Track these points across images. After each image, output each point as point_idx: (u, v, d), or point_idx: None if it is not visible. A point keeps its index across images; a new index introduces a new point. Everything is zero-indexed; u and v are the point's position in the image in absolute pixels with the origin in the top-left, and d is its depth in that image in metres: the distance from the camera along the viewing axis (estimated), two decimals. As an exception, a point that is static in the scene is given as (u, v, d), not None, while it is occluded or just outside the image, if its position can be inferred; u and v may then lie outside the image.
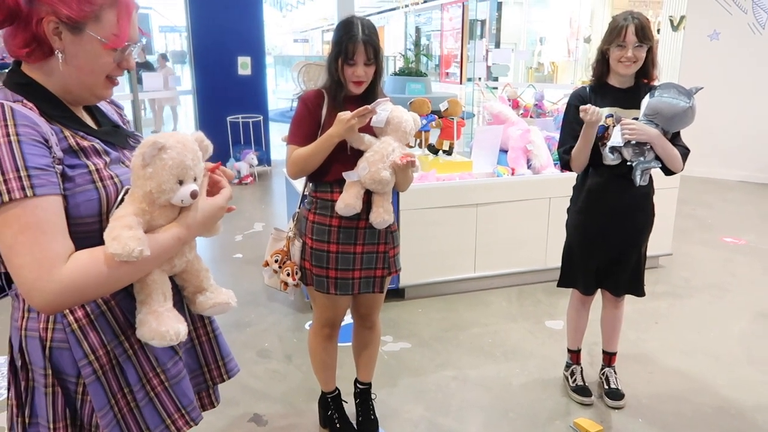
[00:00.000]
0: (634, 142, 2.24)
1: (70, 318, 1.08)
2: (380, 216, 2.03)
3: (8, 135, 0.95)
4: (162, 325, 1.09)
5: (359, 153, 2.00)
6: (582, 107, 2.24)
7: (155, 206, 1.06)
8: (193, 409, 1.24)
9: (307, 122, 2.04)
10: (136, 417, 1.16)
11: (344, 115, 1.90)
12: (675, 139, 2.34)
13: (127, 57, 1.12)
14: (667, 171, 2.35)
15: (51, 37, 1.03)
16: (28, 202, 0.95)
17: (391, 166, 1.97)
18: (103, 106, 1.24)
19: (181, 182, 1.06)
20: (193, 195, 1.07)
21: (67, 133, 1.05)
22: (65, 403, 1.10)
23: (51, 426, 1.10)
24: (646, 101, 2.26)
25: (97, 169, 1.06)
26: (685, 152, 2.33)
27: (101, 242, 1.02)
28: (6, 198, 0.94)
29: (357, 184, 1.99)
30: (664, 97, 2.21)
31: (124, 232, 0.99)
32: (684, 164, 2.34)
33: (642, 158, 2.25)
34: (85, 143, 1.07)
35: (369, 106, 1.89)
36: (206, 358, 1.35)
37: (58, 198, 0.99)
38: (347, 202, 1.98)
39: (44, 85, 1.07)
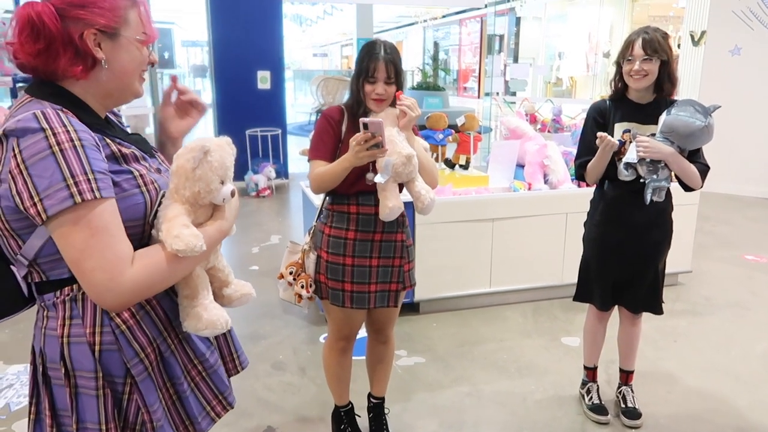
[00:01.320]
0: (648, 159, 2.22)
1: (118, 320, 1.12)
2: (427, 198, 2.00)
3: (72, 140, 1.00)
4: (212, 315, 1.18)
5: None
6: (599, 134, 2.24)
7: (197, 206, 1.15)
8: (229, 394, 1.34)
9: (329, 137, 2.05)
10: (178, 409, 1.23)
11: (354, 139, 1.87)
12: (695, 155, 2.31)
13: (152, 51, 1.20)
14: (686, 187, 2.33)
15: (93, 49, 1.08)
16: (97, 204, 1.00)
17: (401, 127, 1.96)
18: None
19: (222, 182, 1.15)
20: (233, 193, 1.18)
21: (108, 140, 1.10)
22: (113, 403, 1.14)
23: (103, 427, 1.13)
24: (663, 118, 2.25)
25: (141, 175, 1.12)
26: (704, 169, 2.31)
27: (141, 245, 1.09)
28: (78, 199, 0.98)
29: (388, 183, 1.96)
30: (680, 115, 2.19)
31: (184, 231, 1.07)
32: (703, 181, 2.31)
33: (655, 176, 2.24)
34: (125, 150, 1.12)
35: (368, 132, 1.82)
36: (222, 351, 1.41)
37: (115, 201, 1.05)
38: (390, 205, 1.95)
39: (82, 97, 1.11)
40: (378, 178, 1.93)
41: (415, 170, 1.99)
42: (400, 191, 2.06)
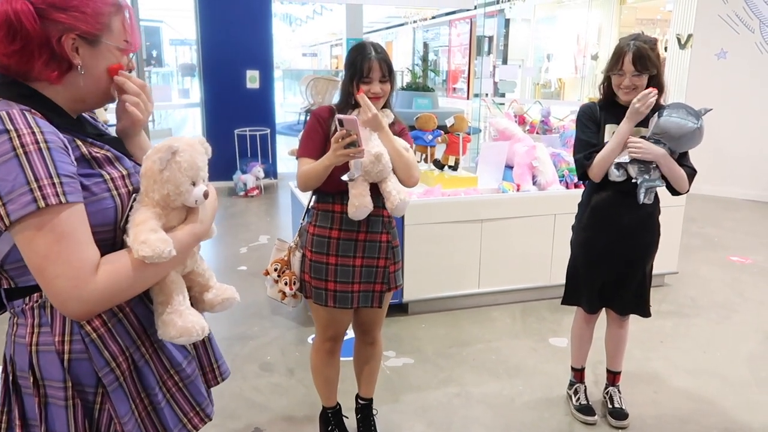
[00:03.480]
0: (640, 160, 2.24)
1: (88, 328, 1.08)
2: (396, 199, 2.00)
3: (38, 142, 0.96)
4: (188, 322, 1.13)
5: None
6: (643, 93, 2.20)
7: (169, 209, 1.10)
8: (207, 406, 1.28)
9: (317, 135, 2.06)
10: (153, 420, 1.18)
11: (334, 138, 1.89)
12: (682, 159, 2.33)
13: (131, 58, 1.16)
14: (673, 191, 2.35)
15: (71, 54, 1.04)
16: (62, 209, 0.97)
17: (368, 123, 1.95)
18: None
19: (193, 183, 1.11)
20: (206, 195, 1.13)
21: (79, 142, 1.06)
22: (84, 414, 1.10)
23: None
24: (654, 120, 2.26)
25: (112, 178, 1.08)
26: (691, 173, 2.32)
27: (114, 250, 1.05)
28: (42, 204, 0.94)
29: (358, 182, 1.98)
30: (673, 117, 2.20)
31: (151, 236, 1.03)
32: (690, 185, 2.33)
33: (647, 176, 2.25)
34: (96, 151, 1.08)
35: (343, 129, 1.84)
36: (201, 361, 1.36)
37: (83, 205, 1.01)
38: (357, 204, 1.96)
39: (50, 97, 1.07)
40: (347, 176, 1.96)
41: (386, 169, 1.99)
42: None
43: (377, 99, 2.03)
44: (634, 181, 2.28)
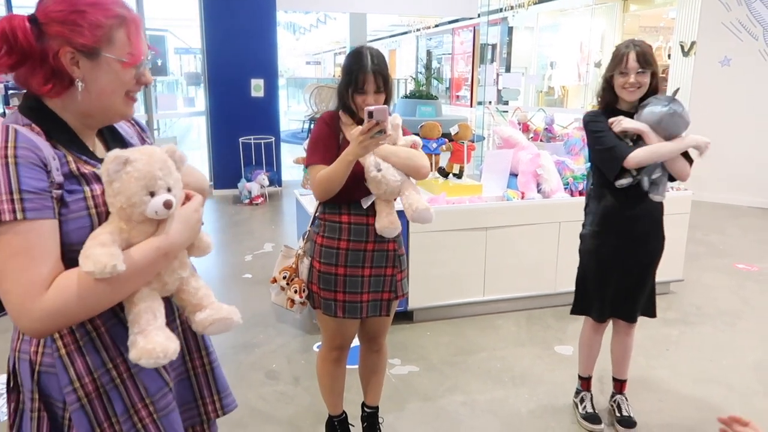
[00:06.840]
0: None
1: (59, 343, 1.06)
2: (409, 211, 2.05)
3: (6, 157, 0.96)
4: (149, 342, 1.03)
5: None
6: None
7: (132, 223, 1.04)
8: None
9: (329, 140, 2.05)
10: None
11: (357, 131, 1.88)
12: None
13: (144, 72, 1.13)
14: (671, 178, 2.38)
15: (69, 68, 1.03)
16: (20, 225, 0.95)
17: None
18: (125, 128, 1.24)
19: (152, 194, 1.04)
20: (167, 205, 1.04)
21: (71, 158, 1.05)
22: (50, 428, 1.09)
23: None
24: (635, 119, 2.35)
25: (93, 195, 1.05)
26: (687, 157, 2.36)
27: None
28: None
29: (379, 202, 2.04)
30: (645, 108, 2.29)
31: (96, 250, 0.98)
32: (690, 165, 2.36)
33: (649, 169, 2.31)
34: (87, 169, 1.06)
35: (372, 120, 1.80)
36: (201, 390, 1.30)
37: (51, 222, 0.98)
38: (387, 222, 2.03)
39: (60, 113, 1.08)
40: (364, 201, 2.03)
41: (391, 187, 2.01)
42: None
43: None
44: (638, 176, 2.31)
